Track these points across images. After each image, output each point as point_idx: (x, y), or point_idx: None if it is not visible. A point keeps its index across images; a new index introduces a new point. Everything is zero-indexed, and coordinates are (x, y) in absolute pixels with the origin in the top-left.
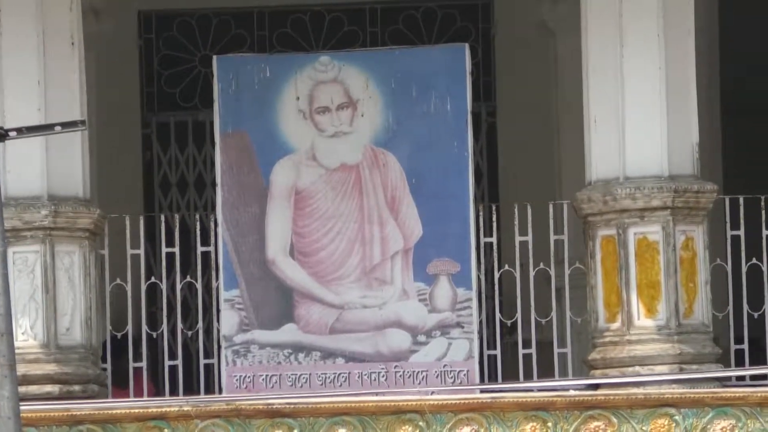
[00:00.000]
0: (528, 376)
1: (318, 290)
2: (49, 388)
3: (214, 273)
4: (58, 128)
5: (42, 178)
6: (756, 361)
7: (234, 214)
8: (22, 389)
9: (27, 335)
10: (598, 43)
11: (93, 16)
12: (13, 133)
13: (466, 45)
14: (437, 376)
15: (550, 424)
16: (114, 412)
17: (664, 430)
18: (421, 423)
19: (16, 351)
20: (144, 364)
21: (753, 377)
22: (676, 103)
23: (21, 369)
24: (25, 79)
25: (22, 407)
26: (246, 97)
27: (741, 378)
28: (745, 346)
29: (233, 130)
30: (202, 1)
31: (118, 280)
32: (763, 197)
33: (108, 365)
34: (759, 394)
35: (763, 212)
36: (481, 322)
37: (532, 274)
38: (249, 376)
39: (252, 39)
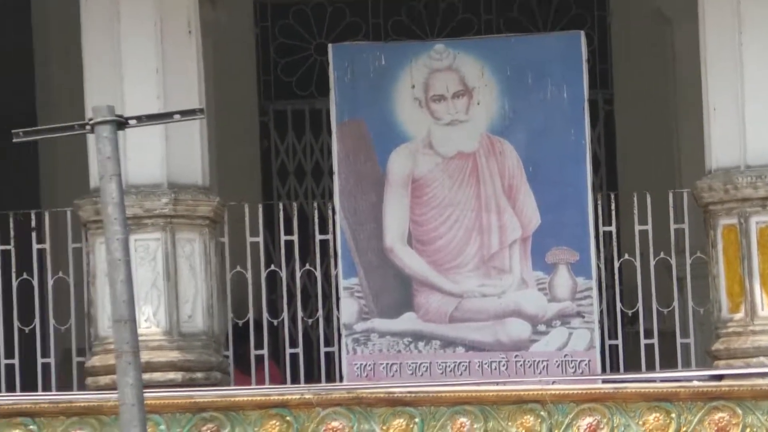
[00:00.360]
0: (650, 367)
1: (436, 279)
2: (172, 375)
3: (332, 261)
4: (177, 116)
5: (162, 166)
6: None
7: (351, 202)
8: (145, 376)
9: (150, 322)
10: (715, 31)
11: (210, 4)
12: (132, 122)
13: (582, 32)
14: (558, 366)
15: (673, 414)
16: (236, 399)
17: None
18: (542, 413)
19: (140, 338)
20: (265, 351)
21: None
22: None
23: (144, 356)
24: (144, 67)
25: (145, 394)
26: (362, 85)
27: None
28: None
29: (350, 119)
30: None
31: (239, 268)
32: None
33: (230, 352)
34: None
35: None
36: (601, 312)
37: (652, 263)
38: (369, 365)
39: (367, 27)
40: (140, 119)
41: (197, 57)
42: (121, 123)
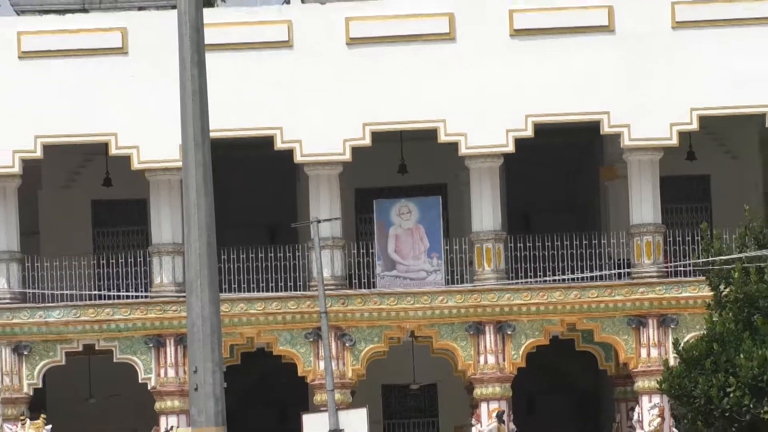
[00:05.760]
0: None
1: (401, 260)
2: None
3: (375, 259)
4: (334, 220)
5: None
6: None
7: (381, 241)
8: None
9: None
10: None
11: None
12: (323, 221)
13: (440, 197)
14: (435, 284)
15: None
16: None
17: None
18: (434, 298)
19: None
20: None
21: None
22: None
23: None
24: (327, 209)
25: None
26: (383, 212)
27: None
28: None
29: (378, 221)
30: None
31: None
32: None
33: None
34: None
35: None
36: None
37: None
38: (383, 284)
39: (381, 193)
40: (318, 222)
41: (340, 206)
42: (319, 222)
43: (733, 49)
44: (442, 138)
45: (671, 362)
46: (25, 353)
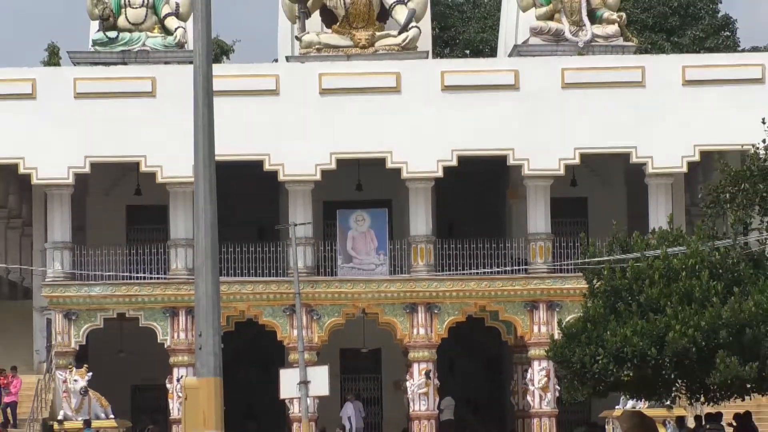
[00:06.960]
0: None
1: (356, 255)
2: None
3: (336, 254)
4: (307, 225)
5: None
6: None
7: (342, 242)
8: None
9: None
10: None
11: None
12: (297, 225)
13: (386, 209)
14: (382, 274)
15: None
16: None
17: None
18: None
19: None
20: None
21: None
22: None
23: None
24: (302, 216)
25: None
26: (343, 220)
27: None
28: None
29: (341, 226)
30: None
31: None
32: None
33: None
34: None
35: None
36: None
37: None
38: (343, 272)
39: (344, 204)
40: (295, 225)
41: (311, 214)
42: (296, 225)
43: (607, 104)
44: (389, 165)
45: (556, 336)
46: (73, 318)
